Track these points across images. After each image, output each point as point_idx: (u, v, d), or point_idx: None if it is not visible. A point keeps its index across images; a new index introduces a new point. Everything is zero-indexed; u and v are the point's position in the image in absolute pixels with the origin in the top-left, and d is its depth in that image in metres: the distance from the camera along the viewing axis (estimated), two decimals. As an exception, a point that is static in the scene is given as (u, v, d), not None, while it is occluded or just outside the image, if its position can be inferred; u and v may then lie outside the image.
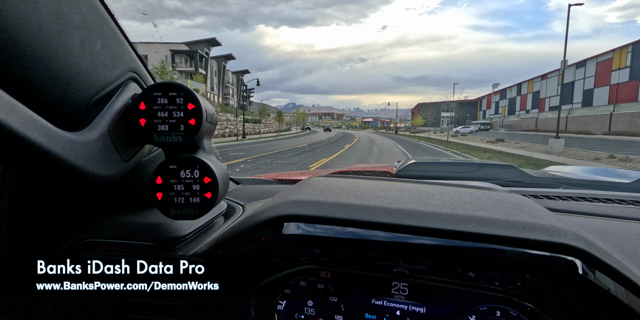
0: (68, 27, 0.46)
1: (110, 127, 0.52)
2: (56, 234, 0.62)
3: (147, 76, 0.68)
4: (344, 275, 0.60)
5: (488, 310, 0.54)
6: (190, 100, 0.54)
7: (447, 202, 0.61)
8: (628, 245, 0.62)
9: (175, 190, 0.56)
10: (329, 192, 0.67)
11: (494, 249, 0.50)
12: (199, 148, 0.59)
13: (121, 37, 0.60)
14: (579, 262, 0.47)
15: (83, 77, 0.50)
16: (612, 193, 1.11)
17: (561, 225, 0.53)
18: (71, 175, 0.46)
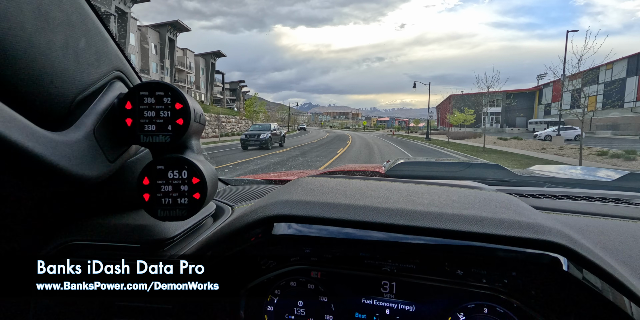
0: (50, 24, 0.45)
1: (95, 126, 0.51)
2: (39, 237, 0.61)
3: (134, 75, 0.66)
4: (334, 275, 0.60)
5: (476, 307, 0.54)
6: (178, 100, 0.54)
7: (436, 201, 0.62)
8: (609, 241, 0.64)
9: (163, 191, 0.55)
10: (319, 192, 0.67)
11: (481, 247, 0.51)
12: (187, 148, 0.59)
13: (106, 35, 0.58)
14: (563, 259, 0.49)
15: (67, 75, 0.49)
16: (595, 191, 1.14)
17: (546, 223, 0.54)
18: (55, 176, 0.45)
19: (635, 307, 0.46)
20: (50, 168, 0.43)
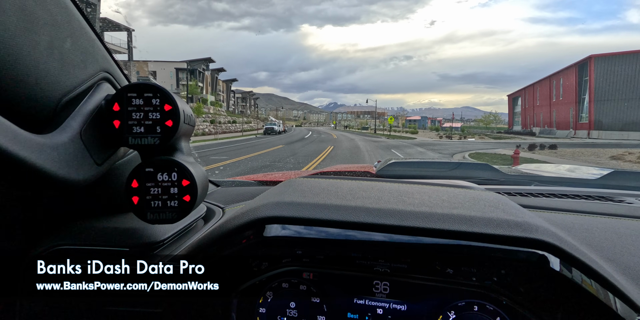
0: (35, 24, 0.44)
1: (82, 129, 0.50)
2: (25, 241, 0.59)
3: (121, 77, 0.65)
4: (326, 275, 0.60)
5: (466, 305, 0.55)
6: (167, 101, 0.53)
7: (427, 201, 0.63)
8: (594, 238, 0.66)
9: (152, 194, 0.54)
10: (310, 193, 0.67)
11: (471, 246, 0.52)
12: (177, 150, 0.58)
13: (92, 36, 0.57)
14: (550, 256, 0.50)
15: (52, 77, 0.48)
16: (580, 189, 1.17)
17: (533, 221, 0.55)
18: (40, 180, 0.44)
19: (619, 302, 0.48)
20: (35, 172, 0.42)
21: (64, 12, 0.51)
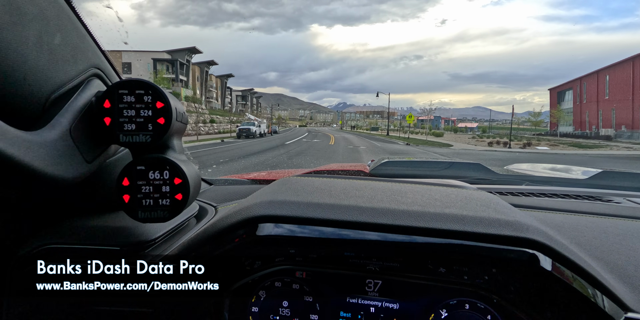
0: (23, 19, 0.43)
1: (72, 126, 0.49)
2: (12, 241, 0.58)
3: (112, 73, 0.64)
4: (319, 274, 0.60)
5: (458, 304, 0.56)
6: (159, 98, 0.52)
7: (419, 200, 0.63)
8: (583, 237, 0.67)
9: (144, 192, 0.53)
10: (304, 192, 0.67)
11: (463, 245, 0.52)
12: (169, 148, 0.57)
13: (83, 31, 0.56)
14: (541, 255, 0.50)
15: (41, 72, 0.47)
16: (570, 189, 1.19)
17: (524, 221, 0.55)
18: (28, 178, 0.43)
19: (607, 300, 0.48)
20: (23, 169, 0.41)
21: (53, 6, 0.50)
